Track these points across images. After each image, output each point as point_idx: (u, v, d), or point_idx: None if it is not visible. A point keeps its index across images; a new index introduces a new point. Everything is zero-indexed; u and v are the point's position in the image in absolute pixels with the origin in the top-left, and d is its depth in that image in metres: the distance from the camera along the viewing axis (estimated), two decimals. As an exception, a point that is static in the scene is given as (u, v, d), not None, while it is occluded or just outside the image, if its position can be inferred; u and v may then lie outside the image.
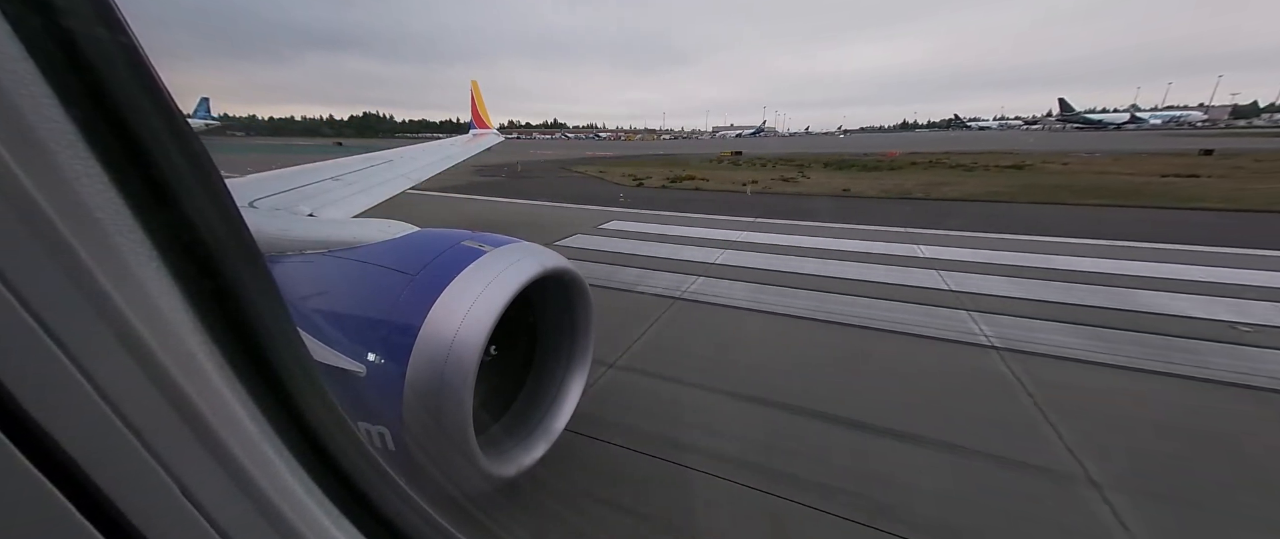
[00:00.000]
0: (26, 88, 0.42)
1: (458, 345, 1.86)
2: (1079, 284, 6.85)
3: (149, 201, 0.51)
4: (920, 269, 7.68)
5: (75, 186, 0.45)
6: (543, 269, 2.22)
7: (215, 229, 0.59)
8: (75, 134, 0.45)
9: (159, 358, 0.50)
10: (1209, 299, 6.21)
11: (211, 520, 0.56)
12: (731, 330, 5.57)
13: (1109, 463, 3.27)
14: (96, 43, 0.48)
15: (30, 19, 0.42)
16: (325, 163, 5.08)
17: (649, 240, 9.77)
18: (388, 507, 0.80)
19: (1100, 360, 4.69)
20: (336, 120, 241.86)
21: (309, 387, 0.72)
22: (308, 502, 0.67)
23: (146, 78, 0.52)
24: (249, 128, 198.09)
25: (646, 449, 3.43)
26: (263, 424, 0.63)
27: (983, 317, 5.71)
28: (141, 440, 0.49)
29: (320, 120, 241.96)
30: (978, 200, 14.89)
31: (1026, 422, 3.75)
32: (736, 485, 3.12)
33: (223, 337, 0.58)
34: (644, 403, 4.06)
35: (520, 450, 2.41)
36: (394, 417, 1.88)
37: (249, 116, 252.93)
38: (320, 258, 2.32)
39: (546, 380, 2.70)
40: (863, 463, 3.34)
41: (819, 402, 4.02)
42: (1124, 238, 9.44)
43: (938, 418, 3.79)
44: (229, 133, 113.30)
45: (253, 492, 0.60)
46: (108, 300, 0.46)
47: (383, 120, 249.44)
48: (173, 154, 0.54)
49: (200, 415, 0.54)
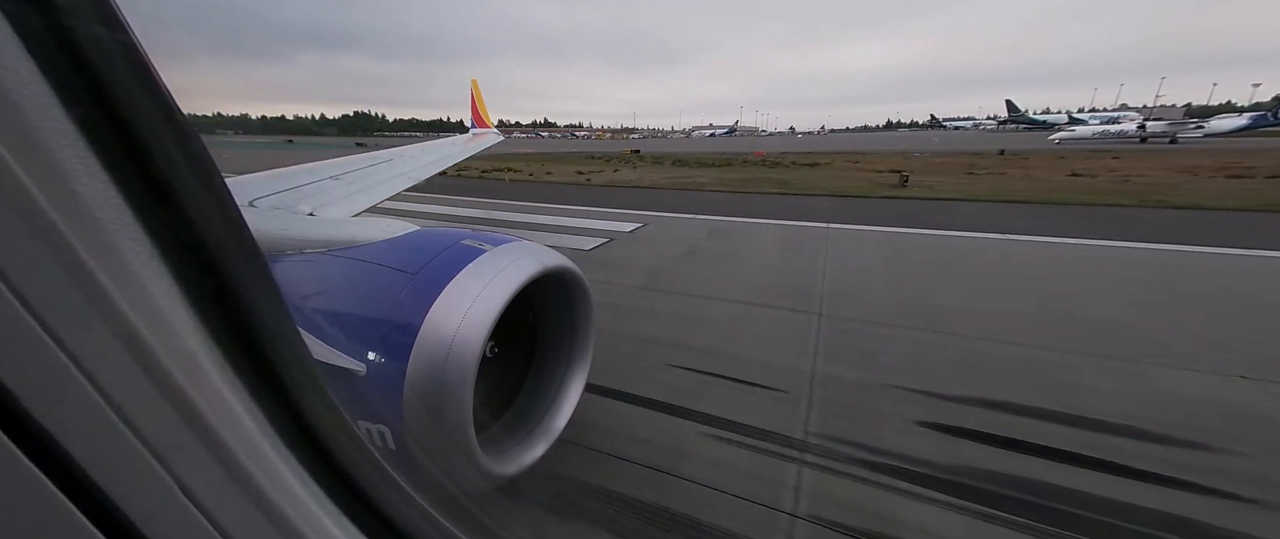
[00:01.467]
0: (27, 87, 0.42)
1: (458, 344, 1.86)
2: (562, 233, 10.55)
3: (149, 201, 0.51)
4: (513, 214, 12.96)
5: (75, 186, 0.45)
6: (543, 268, 2.22)
7: (215, 228, 0.59)
8: (76, 133, 0.45)
9: (159, 357, 0.50)
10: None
11: (212, 519, 0.56)
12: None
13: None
14: (97, 42, 0.47)
15: (30, 18, 0.42)
16: (324, 162, 5.07)
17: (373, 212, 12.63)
18: (388, 505, 0.80)
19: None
20: (328, 119, 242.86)
21: (309, 386, 0.72)
22: (308, 501, 0.67)
23: (147, 77, 0.52)
24: (243, 127, 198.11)
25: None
26: (263, 423, 0.63)
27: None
28: (142, 440, 0.49)
29: (313, 119, 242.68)
30: (685, 189, 19.21)
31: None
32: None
33: (223, 336, 0.58)
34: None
35: (520, 449, 2.41)
36: (394, 415, 1.88)
37: (242, 115, 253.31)
38: (320, 257, 2.32)
39: (546, 379, 2.70)
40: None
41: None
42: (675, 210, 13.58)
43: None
44: (219, 131, 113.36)
45: (253, 491, 0.60)
46: (108, 300, 0.46)
47: (373, 119, 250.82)
48: (173, 153, 0.54)
49: (201, 415, 0.54)
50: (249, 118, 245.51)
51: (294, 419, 0.68)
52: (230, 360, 0.59)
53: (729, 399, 4.00)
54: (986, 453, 3.33)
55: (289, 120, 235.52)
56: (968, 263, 8.22)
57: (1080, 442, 3.41)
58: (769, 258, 8.54)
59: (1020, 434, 3.50)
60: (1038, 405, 3.84)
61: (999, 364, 4.58)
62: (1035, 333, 5.21)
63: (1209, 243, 8.92)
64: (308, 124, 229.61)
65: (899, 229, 10.76)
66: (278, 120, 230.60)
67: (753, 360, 4.64)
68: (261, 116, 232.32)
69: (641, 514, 2.86)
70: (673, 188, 19.75)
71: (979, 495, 2.94)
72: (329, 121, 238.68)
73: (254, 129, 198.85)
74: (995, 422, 3.65)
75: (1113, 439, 3.44)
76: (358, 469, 0.76)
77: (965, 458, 3.28)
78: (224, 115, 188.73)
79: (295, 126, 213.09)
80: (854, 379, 4.29)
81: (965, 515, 2.82)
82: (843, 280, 7.15)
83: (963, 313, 5.81)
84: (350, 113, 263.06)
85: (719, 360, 4.65)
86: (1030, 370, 4.41)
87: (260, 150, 46.02)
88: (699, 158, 39.84)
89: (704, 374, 4.41)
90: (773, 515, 2.82)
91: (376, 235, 2.40)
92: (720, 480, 3.08)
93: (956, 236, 10.01)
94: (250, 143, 68.20)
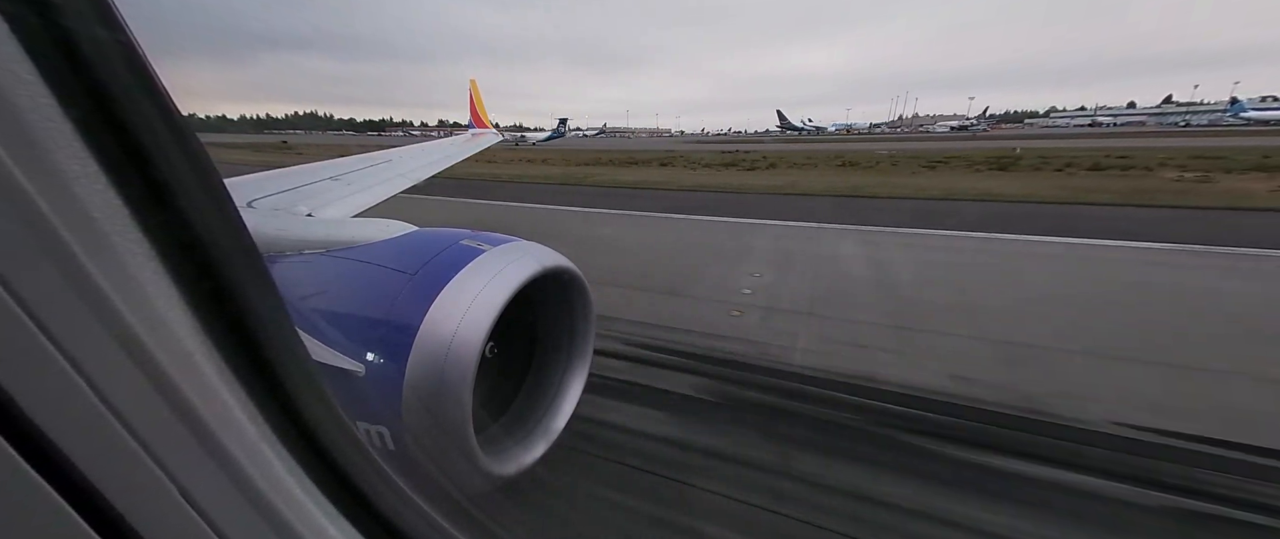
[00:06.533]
0: (25, 88, 0.42)
1: (457, 344, 1.86)
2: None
3: (147, 202, 0.51)
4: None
5: (73, 187, 0.45)
6: (542, 268, 2.22)
7: (213, 229, 0.59)
8: (73, 134, 0.45)
9: (157, 358, 0.50)
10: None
11: (210, 521, 0.56)
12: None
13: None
14: (95, 43, 0.47)
15: (29, 19, 0.42)
16: (324, 163, 5.07)
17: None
18: (387, 506, 0.80)
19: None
20: (273, 118, 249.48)
21: (308, 386, 0.72)
22: (306, 502, 0.67)
23: (145, 78, 0.52)
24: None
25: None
26: (261, 424, 0.62)
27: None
28: (139, 441, 0.49)
29: (260, 118, 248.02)
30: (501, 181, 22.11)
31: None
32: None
33: (221, 337, 0.58)
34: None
35: (520, 449, 2.40)
36: (393, 416, 1.87)
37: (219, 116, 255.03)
38: (319, 258, 2.32)
39: (546, 379, 2.70)
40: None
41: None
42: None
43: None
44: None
45: (251, 492, 0.60)
46: (106, 301, 0.46)
47: (320, 119, 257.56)
48: (171, 154, 0.54)
49: (199, 416, 0.54)
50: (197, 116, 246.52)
51: (292, 420, 0.67)
52: (228, 361, 0.59)
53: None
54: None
55: (233, 120, 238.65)
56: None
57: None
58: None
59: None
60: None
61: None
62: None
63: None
64: (261, 123, 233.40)
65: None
66: (220, 119, 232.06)
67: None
68: (210, 115, 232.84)
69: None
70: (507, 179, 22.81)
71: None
72: (274, 120, 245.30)
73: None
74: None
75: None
76: (356, 470, 0.76)
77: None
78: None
79: (207, 125, 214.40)
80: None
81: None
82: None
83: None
84: (300, 112, 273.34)
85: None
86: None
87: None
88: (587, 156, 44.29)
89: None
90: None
91: (375, 236, 2.39)
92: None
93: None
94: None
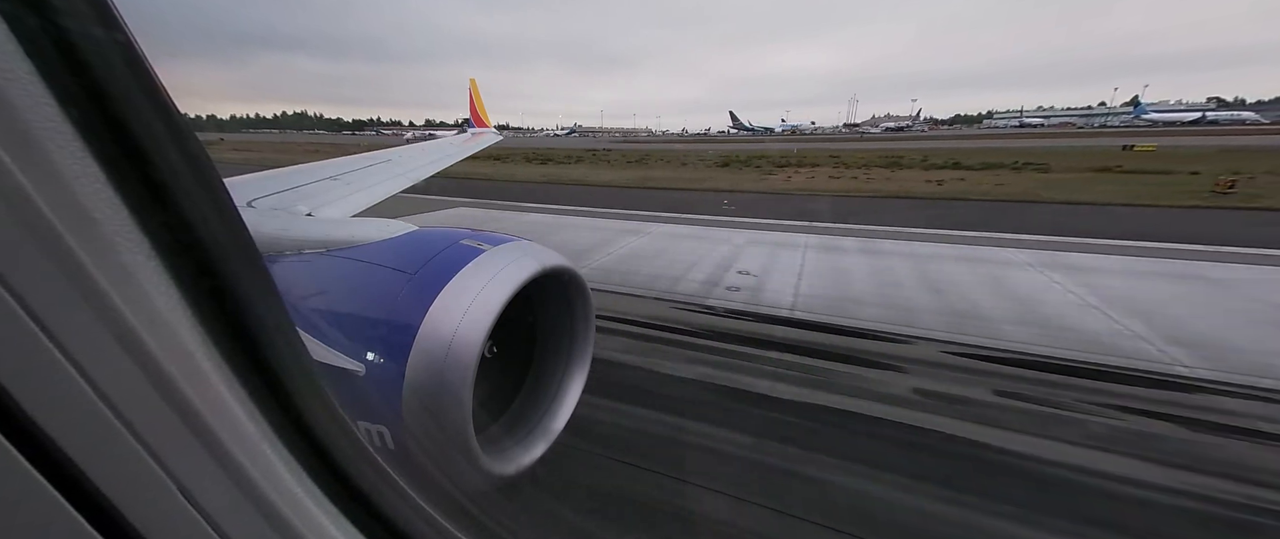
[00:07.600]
0: (24, 88, 0.42)
1: (457, 344, 1.86)
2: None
3: (147, 201, 0.51)
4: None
5: (73, 187, 0.45)
6: (542, 268, 2.22)
7: (213, 229, 0.59)
8: (73, 134, 0.45)
9: (157, 358, 0.50)
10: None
11: (210, 520, 0.56)
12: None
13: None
14: (94, 42, 0.47)
15: (28, 19, 0.42)
16: (324, 163, 5.07)
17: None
18: (387, 505, 0.80)
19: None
20: (262, 117, 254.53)
21: (308, 386, 0.72)
22: (307, 501, 0.67)
23: (145, 77, 0.52)
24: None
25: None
26: (262, 424, 0.62)
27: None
28: (140, 441, 0.49)
29: (249, 118, 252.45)
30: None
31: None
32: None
33: (221, 336, 0.58)
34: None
35: (520, 449, 2.40)
36: (393, 416, 1.87)
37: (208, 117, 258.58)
38: (318, 257, 2.32)
39: (546, 379, 2.70)
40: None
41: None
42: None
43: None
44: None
45: (251, 491, 0.60)
46: (106, 300, 0.46)
47: (309, 119, 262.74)
48: (171, 154, 0.54)
49: (199, 415, 0.54)
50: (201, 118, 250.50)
51: (292, 419, 0.67)
52: (228, 361, 0.59)
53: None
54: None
55: (222, 120, 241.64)
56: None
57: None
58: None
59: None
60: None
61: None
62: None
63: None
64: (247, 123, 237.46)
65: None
66: (210, 119, 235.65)
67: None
68: (201, 115, 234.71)
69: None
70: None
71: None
72: (263, 120, 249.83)
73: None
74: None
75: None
76: (356, 469, 0.76)
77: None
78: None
79: (198, 124, 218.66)
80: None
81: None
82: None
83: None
84: (287, 112, 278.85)
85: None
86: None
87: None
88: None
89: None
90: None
91: (375, 235, 2.39)
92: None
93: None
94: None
